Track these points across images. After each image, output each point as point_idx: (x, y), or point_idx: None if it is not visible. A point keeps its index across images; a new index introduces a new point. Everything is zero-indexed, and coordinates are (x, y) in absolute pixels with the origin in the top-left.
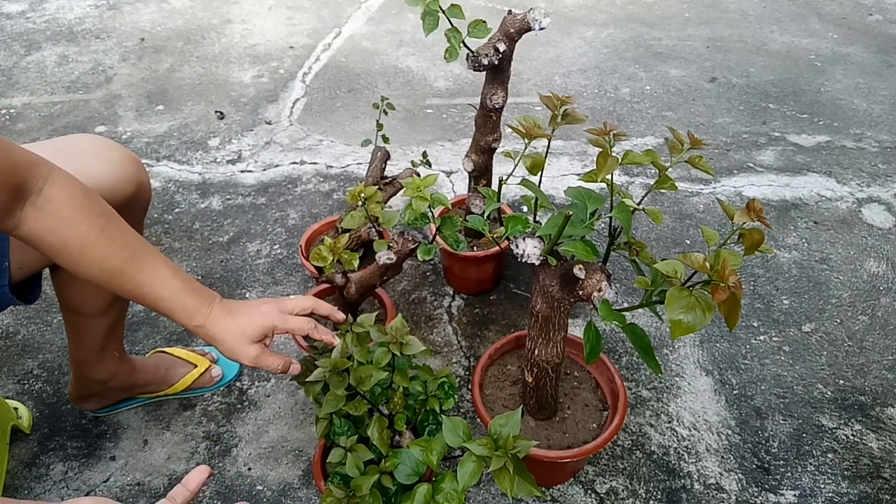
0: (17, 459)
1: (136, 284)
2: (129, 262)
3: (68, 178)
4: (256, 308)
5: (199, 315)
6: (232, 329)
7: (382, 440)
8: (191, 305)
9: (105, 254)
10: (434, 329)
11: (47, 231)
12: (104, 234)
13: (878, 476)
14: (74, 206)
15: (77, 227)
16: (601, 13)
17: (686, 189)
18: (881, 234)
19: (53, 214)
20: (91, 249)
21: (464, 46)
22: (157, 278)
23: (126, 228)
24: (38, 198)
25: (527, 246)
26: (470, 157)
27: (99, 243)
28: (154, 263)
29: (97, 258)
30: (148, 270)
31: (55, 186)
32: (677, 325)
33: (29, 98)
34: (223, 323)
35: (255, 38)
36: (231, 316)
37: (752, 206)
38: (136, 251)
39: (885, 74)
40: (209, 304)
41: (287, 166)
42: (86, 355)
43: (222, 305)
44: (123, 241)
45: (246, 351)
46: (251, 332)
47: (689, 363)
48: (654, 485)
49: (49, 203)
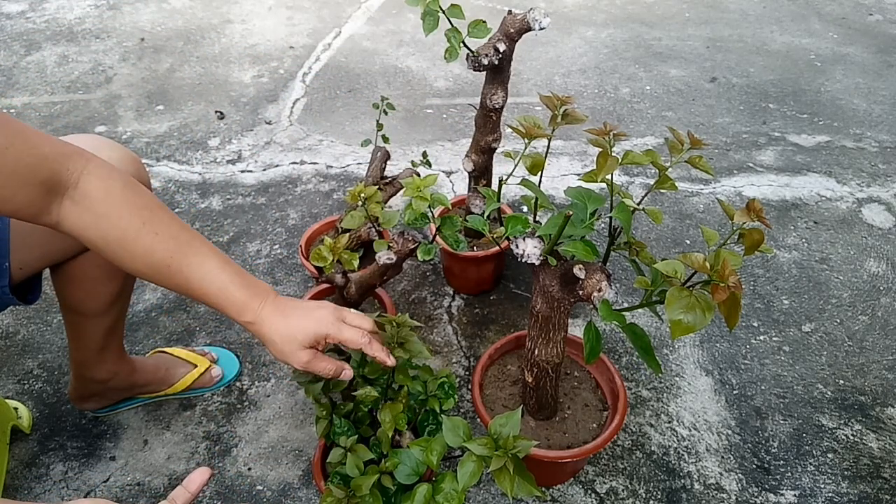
0: (17, 459)
1: (184, 279)
2: (175, 256)
3: (107, 170)
4: (312, 312)
5: (249, 311)
6: (283, 330)
7: (394, 424)
8: (240, 301)
9: (148, 248)
10: (434, 329)
11: (86, 227)
12: (146, 228)
13: (878, 476)
14: (112, 200)
15: (116, 223)
16: (601, 13)
17: (686, 189)
18: (881, 234)
19: (90, 210)
20: (133, 245)
21: (464, 46)
22: (204, 273)
23: (172, 220)
24: (74, 192)
25: (527, 246)
26: (470, 157)
27: (141, 238)
28: (202, 256)
29: (140, 253)
30: (195, 264)
31: (92, 179)
32: (677, 325)
33: (29, 98)
34: (275, 323)
35: (255, 38)
36: (284, 317)
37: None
38: (182, 244)
39: (885, 74)
40: (261, 301)
41: (287, 166)
42: (86, 355)
43: (276, 303)
44: (168, 233)
45: (297, 355)
46: (303, 337)
47: (689, 363)
48: (654, 485)
49: (86, 198)
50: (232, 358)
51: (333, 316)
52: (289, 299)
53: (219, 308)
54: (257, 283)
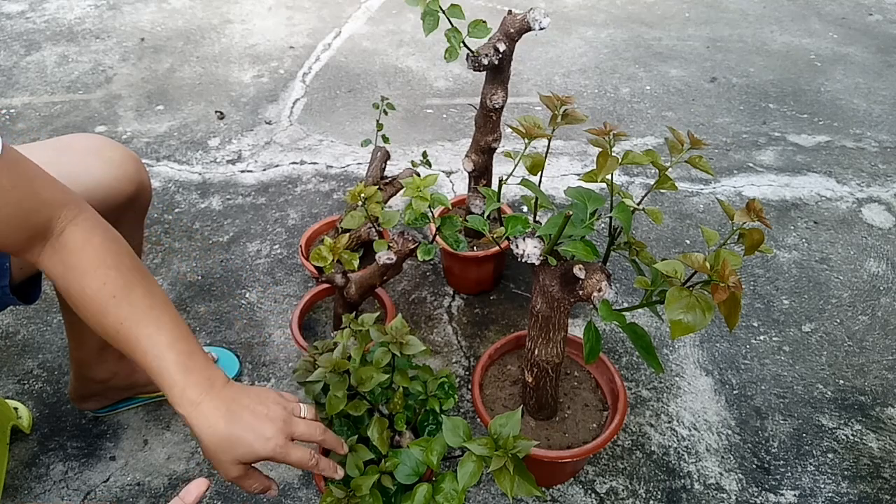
0: (17, 459)
1: (130, 348)
2: (125, 323)
3: (91, 225)
4: (259, 427)
5: (186, 402)
6: (220, 438)
7: (382, 440)
8: (178, 387)
9: (101, 309)
10: (434, 329)
11: (56, 276)
12: (105, 289)
13: (878, 476)
14: (84, 256)
15: (80, 278)
16: (601, 13)
17: (686, 189)
18: (881, 234)
19: (62, 261)
20: (89, 302)
21: (464, 46)
22: (149, 347)
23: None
24: (56, 240)
25: (527, 246)
26: (470, 157)
27: (97, 298)
28: (153, 328)
29: (93, 312)
30: (143, 336)
31: (76, 231)
32: (677, 325)
33: (29, 98)
34: (214, 424)
35: (255, 38)
36: (227, 421)
37: (752, 206)
38: (137, 311)
39: (885, 74)
40: (202, 391)
41: (287, 166)
42: (86, 355)
43: (220, 399)
44: (127, 298)
45: (227, 468)
46: (242, 454)
47: (689, 363)
48: (654, 485)
49: (63, 248)
50: (232, 358)
51: (282, 435)
52: (238, 392)
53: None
54: (205, 369)
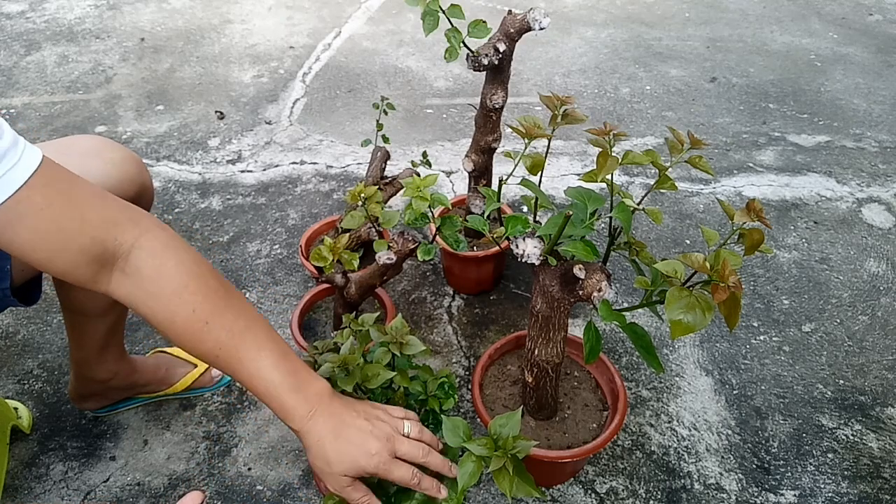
0: (17, 459)
1: (232, 371)
2: (224, 349)
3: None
4: (364, 443)
5: (297, 419)
6: (330, 453)
7: None
8: (289, 406)
9: (196, 337)
10: (434, 329)
11: (136, 302)
12: (196, 316)
13: (878, 476)
14: (163, 282)
15: (166, 305)
16: (601, 13)
17: (686, 189)
18: (881, 234)
19: (140, 287)
20: (181, 330)
21: (464, 46)
22: (253, 371)
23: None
24: (125, 264)
25: (527, 246)
26: (470, 157)
27: (190, 325)
28: (255, 351)
29: (188, 339)
30: (246, 360)
31: (143, 255)
32: (677, 325)
33: (29, 98)
34: (324, 441)
35: (255, 38)
36: (335, 437)
37: (752, 206)
38: (234, 335)
39: (885, 74)
40: (312, 408)
41: (287, 166)
42: (86, 355)
43: (330, 414)
44: (219, 323)
45: (337, 479)
46: (349, 467)
47: (689, 363)
48: (654, 485)
49: (136, 273)
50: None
51: (386, 451)
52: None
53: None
54: (310, 385)
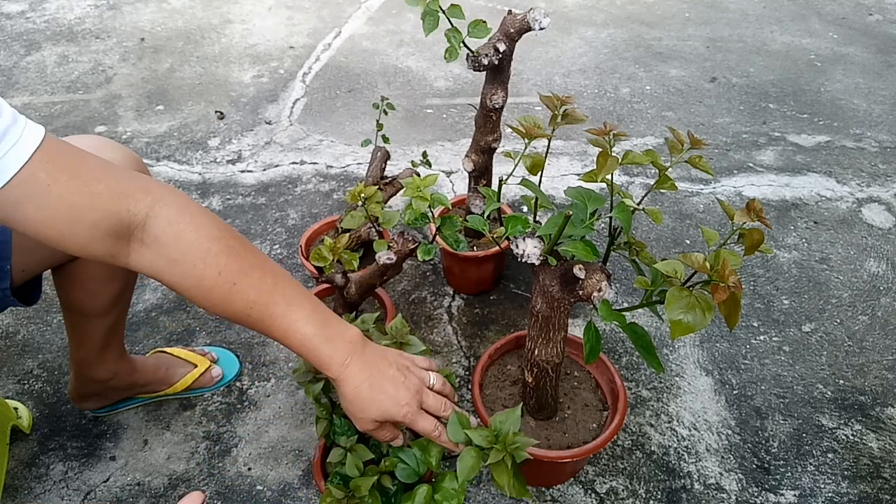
0: (17, 459)
1: (265, 328)
2: (255, 307)
3: (177, 212)
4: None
5: (333, 368)
6: (363, 400)
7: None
8: (324, 356)
9: (225, 298)
10: (434, 329)
11: (160, 271)
12: (222, 278)
13: (878, 476)
14: (183, 247)
15: (190, 270)
16: (601, 13)
17: (686, 189)
18: (881, 234)
19: (162, 255)
20: (209, 293)
21: (464, 46)
22: (287, 325)
23: (251, 266)
24: (143, 234)
25: (527, 246)
26: (470, 157)
27: (217, 287)
28: (284, 306)
29: (218, 301)
30: (277, 315)
31: (160, 223)
32: (677, 325)
33: (29, 98)
34: (359, 388)
35: (255, 38)
36: (370, 385)
37: (752, 206)
38: (263, 293)
39: (885, 74)
40: (346, 356)
41: (287, 166)
42: (86, 354)
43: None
44: (246, 282)
45: (366, 423)
46: (379, 414)
47: (689, 363)
48: (654, 485)
49: (156, 242)
50: (232, 358)
51: (416, 402)
52: (377, 356)
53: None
54: (343, 333)
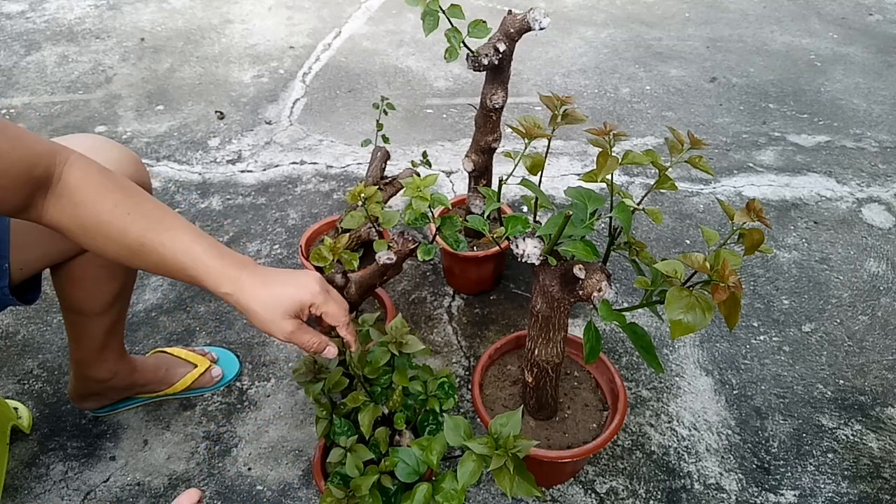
0: (17, 459)
1: (160, 256)
2: (147, 234)
3: (87, 162)
4: (297, 278)
5: (227, 281)
6: (265, 299)
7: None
8: (216, 270)
9: (121, 229)
10: (434, 329)
11: (66, 217)
12: (118, 209)
13: (878, 476)
14: (88, 188)
15: (91, 208)
16: (601, 13)
17: (686, 189)
18: (881, 234)
19: (70, 199)
20: (107, 227)
21: (464, 46)
22: (178, 246)
23: (143, 199)
24: (57, 185)
25: (527, 246)
26: (470, 157)
27: (114, 220)
28: (175, 231)
29: (115, 235)
30: (168, 239)
31: (73, 171)
32: (677, 325)
33: (29, 98)
34: (256, 291)
35: (255, 38)
36: (265, 285)
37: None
38: (154, 221)
39: (885, 74)
40: (239, 269)
41: (287, 166)
42: (86, 354)
43: (256, 272)
44: (139, 212)
45: (281, 325)
46: (288, 304)
47: (689, 363)
48: (654, 485)
49: (66, 188)
50: (232, 358)
51: (319, 285)
52: (270, 268)
53: (197, 281)
54: (234, 254)
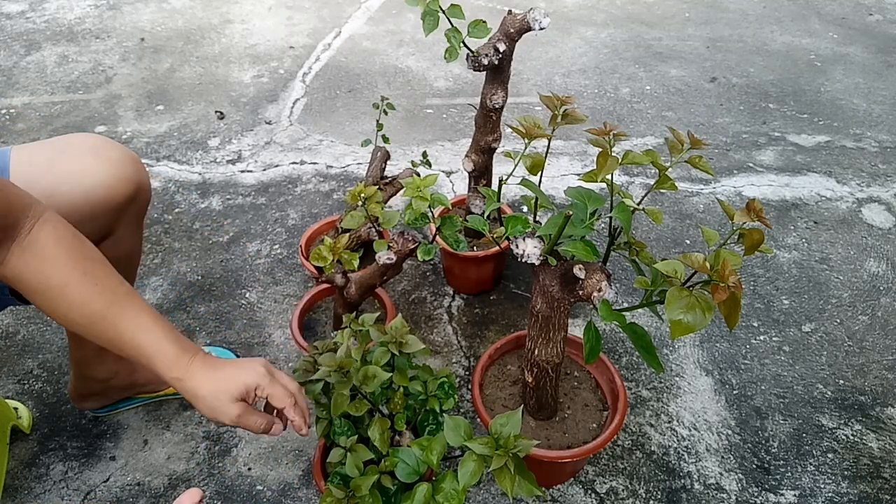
0: (17, 459)
1: (117, 332)
2: (111, 308)
3: (59, 221)
4: (243, 365)
5: (179, 366)
6: (213, 384)
7: (383, 440)
8: (171, 354)
9: (86, 297)
10: (434, 329)
11: (30, 271)
12: (87, 278)
13: (878, 476)
14: (61, 248)
15: (60, 269)
16: (601, 13)
17: (686, 189)
18: (881, 234)
19: (38, 254)
20: (72, 291)
21: (464, 46)
22: (138, 325)
23: (111, 274)
24: (25, 237)
25: (527, 246)
26: (470, 157)
27: (81, 286)
28: (136, 310)
29: (78, 301)
30: (130, 317)
31: (45, 227)
32: (677, 325)
33: (29, 98)
34: (205, 376)
35: (255, 38)
36: (213, 370)
37: (752, 206)
38: (119, 297)
39: (885, 74)
40: (191, 356)
41: (287, 166)
42: (86, 354)
43: (205, 359)
44: (106, 285)
45: (228, 408)
46: (234, 389)
47: (689, 363)
48: (654, 485)
49: (35, 242)
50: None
51: (265, 368)
52: (217, 357)
53: (148, 362)
54: (188, 342)
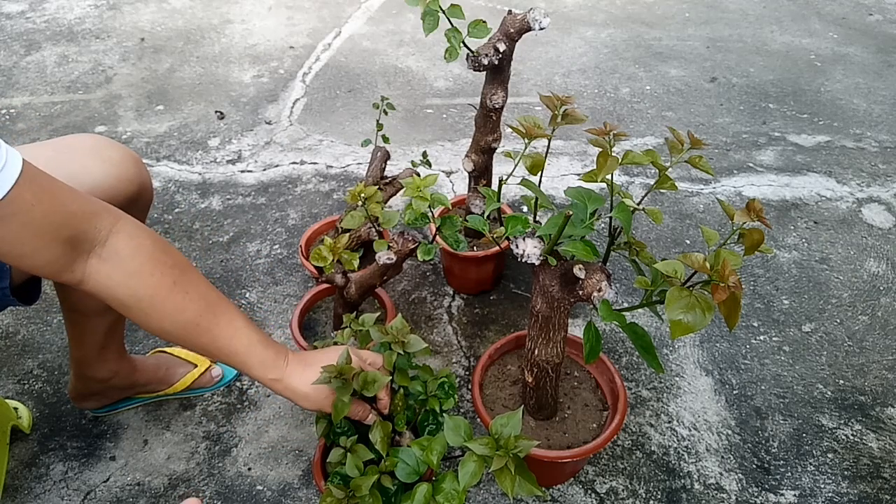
0: (17, 459)
1: (212, 338)
2: (204, 315)
3: (137, 228)
4: (329, 355)
5: (276, 369)
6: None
7: (384, 444)
8: (269, 358)
9: (179, 307)
10: (434, 329)
11: (116, 285)
12: (177, 287)
13: (878, 476)
14: (143, 258)
15: (147, 280)
16: (601, 13)
17: (686, 189)
18: (881, 234)
19: (120, 267)
20: (163, 303)
21: (464, 46)
22: (233, 331)
23: (200, 280)
24: (102, 249)
25: (527, 246)
26: (470, 157)
27: (172, 296)
28: (229, 316)
29: (170, 311)
30: (224, 323)
31: (121, 238)
32: (677, 325)
33: (29, 98)
34: (302, 374)
35: (255, 38)
36: (307, 366)
37: (752, 206)
38: (211, 304)
39: (885, 74)
40: (284, 357)
41: (287, 166)
42: (86, 354)
43: (296, 357)
44: (197, 293)
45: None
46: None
47: (689, 363)
48: (654, 485)
49: (115, 255)
50: None
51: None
52: (305, 353)
53: (244, 367)
54: (276, 342)
